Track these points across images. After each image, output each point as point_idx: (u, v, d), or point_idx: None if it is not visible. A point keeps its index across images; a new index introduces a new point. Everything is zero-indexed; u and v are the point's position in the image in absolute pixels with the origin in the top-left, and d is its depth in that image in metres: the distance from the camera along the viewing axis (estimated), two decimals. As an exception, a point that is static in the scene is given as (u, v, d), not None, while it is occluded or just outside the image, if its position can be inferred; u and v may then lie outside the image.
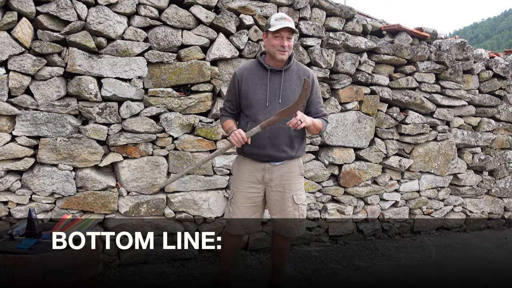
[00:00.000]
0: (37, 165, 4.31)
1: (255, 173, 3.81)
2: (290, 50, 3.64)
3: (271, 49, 3.64)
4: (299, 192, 3.90)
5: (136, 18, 4.39)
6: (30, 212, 3.09)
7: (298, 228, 3.95)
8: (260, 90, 3.69)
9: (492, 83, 6.48)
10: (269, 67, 3.70)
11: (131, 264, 4.75)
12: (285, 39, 3.56)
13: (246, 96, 3.72)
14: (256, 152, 3.72)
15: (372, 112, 5.70)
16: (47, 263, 2.80)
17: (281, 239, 4.07)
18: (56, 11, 4.01)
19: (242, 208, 3.87)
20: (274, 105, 3.65)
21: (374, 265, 5.25)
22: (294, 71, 3.77)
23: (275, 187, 3.81)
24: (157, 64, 4.55)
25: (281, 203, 3.85)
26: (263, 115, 3.63)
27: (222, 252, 4.13)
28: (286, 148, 3.72)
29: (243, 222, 3.91)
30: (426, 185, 6.35)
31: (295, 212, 3.88)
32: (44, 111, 4.18)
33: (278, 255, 4.16)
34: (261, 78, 3.71)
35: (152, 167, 4.67)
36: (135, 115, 4.53)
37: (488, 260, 5.59)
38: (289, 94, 3.69)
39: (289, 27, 3.53)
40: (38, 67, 4.05)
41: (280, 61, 3.66)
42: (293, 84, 3.73)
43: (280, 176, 3.80)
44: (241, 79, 3.74)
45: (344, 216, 5.79)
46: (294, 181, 3.86)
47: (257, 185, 3.83)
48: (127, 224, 4.65)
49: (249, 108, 3.71)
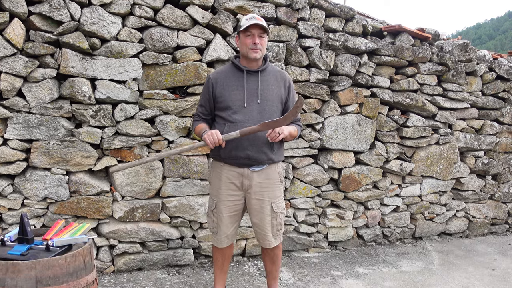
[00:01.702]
0: (29, 169, 4.33)
1: (234, 180, 3.79)
2: (263, 49, 3.67)
3: (243, 49, 3.67)
4: (278, 200, 3.90)
5: (131, 18, 4.41)
6: (22, 217, 3.08)
7: (275, 237, 3.95)
8: (237, 91, 3.69)
9: (495, 85, 6.50)
10: (245, 68, 3.72)
11: (126, 270, 4.76)
12: (257, 37, 3.60)
13: (222, 98, 3.71)
14: (235, 155, 3.68)
15: (373, 115, 5.71)
16: (39, 269, 2.79)
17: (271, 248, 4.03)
18: (49, 11, 4.04)
19: (225, 219, 3.87)
20: (252, 106, 3.68)
21: (374, 271, 5.26)
22: (270, 73, 3.81)
23: (254, 194, 3.80)
24: (152, 66, 4.57)
25: (259, 211, 3.84)
26: (242, 115, 3.65)
27: (214, 262, 4.14)
28: (266, 150, 3.71)
29: (227, 233, 3.93)
30: (428, 189, 6.36)
31: (273, 220, 3.87)
32: (36, 114, 4.19)
33: (271, 263, 4.13)
34: (237, 80, 3.73)
35: (147, 171, 4.68)
36: (129, 118, 4.54)
37: (491, 267, 5.60)
38: (267, 94, 3.72)
39: (259, 24, 3.57)
40: (31, 68, 4.07)
41: (254, 60, 3.68)
42: (270, 84, 3.76)
43: (259, 183, 3.79)
44: (215, 82, 3.74)
45: (344, 221, 5.80)
46: (273, 188, 3.87)
47: (236, 192, 3.82)
48: (121, 229, 4.65)
49: (226, 110, 3.70)
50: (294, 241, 5.59)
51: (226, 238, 3.94)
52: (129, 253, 4.75)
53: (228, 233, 3.92)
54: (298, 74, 5.16)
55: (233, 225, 3.93)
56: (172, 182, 4.83)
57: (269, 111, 3.71)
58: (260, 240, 3.98)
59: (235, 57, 3.86)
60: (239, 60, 3.81)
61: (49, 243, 3.06)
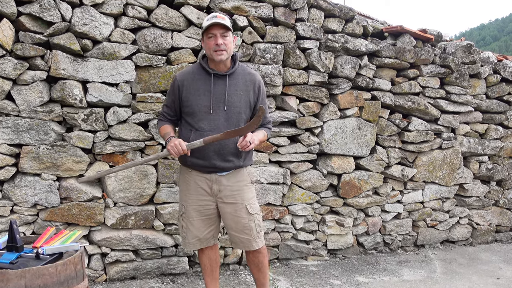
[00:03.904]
0: (18, 174, 4.34)
1: (202, 185, 3.80)
2: (228, 49, 3.62)
3: (208, 52, 3.67)
4: (252, 201, 3.90)
5: (124, 19, 4.43)
6: (12, 225, 3.10)
7: (256, 240, 3.91)
8: (203, 97, 3.68)
9: (500, 88, 6.54)
10: (212, 71, 3.69)
11: (118, 279, 4.77)
12: (219, 37, 3.55)
13: (188, 103, 3.71)
14: (201, 164, 3.71)
15: (373, 119, 5.74)
16: (29, 278, 2.81)
17: (254, 254, 4.00)
18: (39, 11, 4.05)
19: (196, 222, 3.88)
20: (218, 113, 3.68)
21: (375, 280, 5.28)
22: (239, 75, 3.78)
23: (225, 198, 3.81)
24: (145, 68, 4.59)
25: (234, 215, 3.84)
26: (207, 123, 3.67)
27: (203, 269, 4.15)
28: (232, 158, 3.73)
29: (199, 237, 3.93)
30: (430, 195, 6.39)
31: (251, 223, 3.85)
32: (26, 118, 4.21)
33: (257, 269, 4.08)
34: (204, 84, 3.71)
35: (141, 177, 4.70)
36: (122, 121, 4.56)
37: (496, 276, 5.62)
38: (235, 100, 3.71)
39: (219, 23, 3.53)
40: (20, 71, 4.08)
41: (220, 62, 3.65)
42: (238, 89, 3.74)
43: (229, 186, 3.80)
44: (182, 85, 3.74)
45: (344, 228, 5.82)
46: (245, 190, 3.87)
47: (206, 197, 3.83)
48: (114, 237, 4.67)
49: (192, 116, 3.72)
50: (292, 249, 5.61)
51: (198, 241, 3.94)
52: (121, 261, 4.77)
53: (201, 236, 3.92)
54: (296, 76, 5.18)
55: (207, 228, 3.93)
56: (166, 188, 4.84)
57: (236, 119, 3.72)
58: (238, 244, 3.96)
59: (202, 57, 3.84)
60: (206, 61, 3.78)
61: (39, 251, 3.07)
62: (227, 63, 3.73)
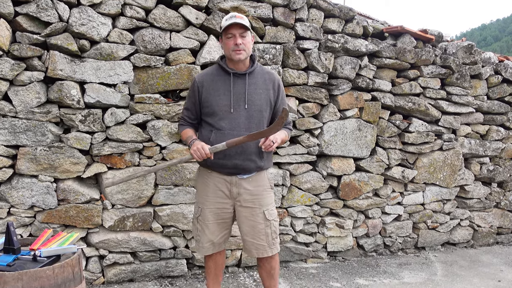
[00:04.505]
0: (15, 176, 4.35)
1: (222, 187, 3.79)
2: (247, 49, 3.66)
3: (227, 52, 3.69)
4: (270, 207, 3.89)
5: (122, 19, 4.44)
6: (8, 227, 3.10)
7: (271, 246, 3.89)
8: (223, 96, 3.70)
9: (501, 89, 6.54)
10: (231, 70, 3.71)
11: (116, 282, 4.78)
12: (238, 37, 3.58)
13: (208, 103, 3.72)
14: (222, 163, 3.70)
15: (373, 120, 5.75)
16: (26, 281, 2.81)
17: (268, 260, 3.97)
18: (36, 11, 4.05)
19: (211, 226, 3.86)
20: (239, 111, 3.69)
21: (375, 283, 5.29)
22: (258, 74, 3.81)
23: (244, 202, 3.80)
24: (143, 69, 4.59)
25: (251, 219, 3.82)
26: (228, 122, 3.67)
27: (207, 272, 4.13)
28: (254, 158, 3.73)
29: (213, 241, 3.91)
30: (431, 197, 6.40)
31: (267, 229, 3.84)
32: (23, 119, 4.21)
33: (268, 277, 4.05)
34: (224, 83, 3.73)
35: (139, 179, 4.70)
36: (120, 123, 4.57)
37: (497, 278, 5.63)
38: (255, 98, 3.72)
39: (238, 23, 3.55)
40: (17, 71, 4.08)
41: (239, 62, 3.68)
42: (258, 88, 3.76)
43: (249, 190, 3.79)
44: (201, 86, 3.76)
45: (344, 230, 5.83)
46: (264, 195, 3.86)
47: (224, 200, 3.82)
48: (112, 239, 4.67)
49: (212, 116, 3.72)
50: (291, 251, 5.61)
51: (211, 245, 3.92)
52: (119, 263, 4.77)
53: (215, 240, 3.90)
54: (295, 77, 5.19)
55: (221, 232, 3.92)
56: (165, 190, 4.85)
57: (257, 117, 3.73)
58: (252, 250, 3.91)
59: (221, 58, 3.86)
60: (225, 61, 3.81)
61: (36, 253, 3.08)
62: (246, 62, 3.76)
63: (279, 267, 4.10)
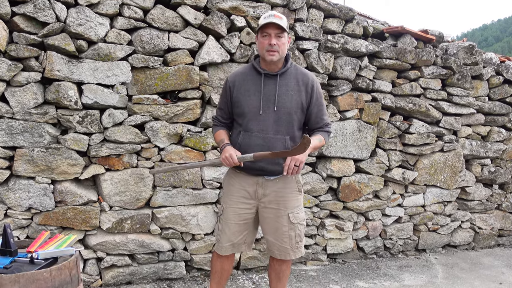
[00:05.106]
0: (12, 177, 4.34)
1: (247, 187, 3.77)
2: (281, 50, 3.58)
3: (260, 51, 3.65)
4: (296, 210, 3.84)
5: (120, 19, 4.44)
6: (5, 229, 3.10)
7: (294, 250, 3.86)
8: (253, 97, 3.67)
9: (502, 90, 6.55)
10: (263, 71, 3.66)
11: (114, 284, 4.78)
12: (273, 37, 3.52)
13: (239, 104, 3.70)
14: (249, 166, 3.65)
15: (374, 121, 5.76)
16: (23, 283, 2.81)
17: (279, 262, 3.95)
18: (33, 12, 4.05)
19: (232, 226, 3.83)
20: (268, 113, 3.64)
21: (375, 285, 5.29)
22: (291, 75, 3.72)
23: (268, 203, 3.77)
24: (142, 69, 4.59)
25: (275, 221, 3.79)
26: (256, 123, 3.64)
27: (212, 274, 4.08)
28: (281, 161, 3.65)
29: (233, 241, 3.87)
30: (431, 199, 6.40)
31: (291, 232, 3.80)
32: (20, 120, 4.21)
33: (276, 279, 4.03)
34: (254, 84, 3.69)
35: (137, 180, 4.70)
36: (118, 124, 4.57)
37: (498, 281, 5.64)
38: (285, 100, 3.66)
39: (275, 23, 3.49)
40: (14, 72, 4.08)
41: (271, 63, 3.63)
42: (289, 89, 3.68)
43: (275, 192, 3.75)
44: (233, 85, 3.74)
45: (344, 232, 5.83)
46: (290, 198, 3.80)
47: (248, 200, 3.79)
48: (109, 241, 4.67)
49: (242, 117, 3.70)
50: (291, 254, 5.60)
51: (231, 246, 3.89)
52: (117, 266, 4.77)
53: (235, 241, 3.87)
54: (295, 78, 5.18)
55: (242, 233, 3.87)
56: (163, 192, 4.85)
57: (286, 120, 3.66)
58: (274, 251, 3.89)
59: (255, 58, 3.83)
60: (259, 60, 3.77)
61: (33, 256, 3.08)
62: (279, 63, 3.69)
63: (289, 271, 4.08)
